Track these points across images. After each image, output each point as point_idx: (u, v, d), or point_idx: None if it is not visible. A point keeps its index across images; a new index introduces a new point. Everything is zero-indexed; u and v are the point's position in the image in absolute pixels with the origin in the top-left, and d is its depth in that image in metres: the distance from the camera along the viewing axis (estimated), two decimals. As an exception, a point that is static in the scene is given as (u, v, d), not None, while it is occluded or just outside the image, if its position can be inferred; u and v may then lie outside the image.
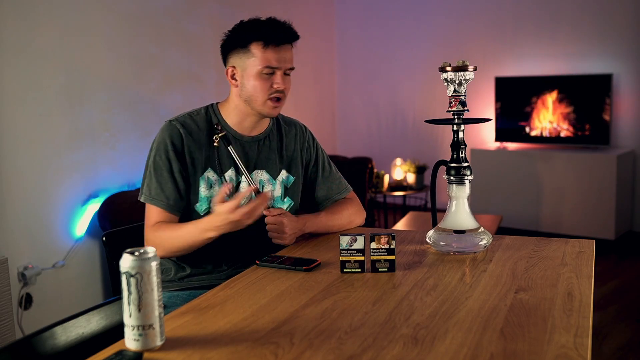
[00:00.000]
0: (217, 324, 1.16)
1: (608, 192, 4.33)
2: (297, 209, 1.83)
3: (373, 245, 1.43)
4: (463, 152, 1.58)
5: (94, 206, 3.14)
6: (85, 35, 3.13)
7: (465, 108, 1.56)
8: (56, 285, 3.00)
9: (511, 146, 4.95)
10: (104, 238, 1.81)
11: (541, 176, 4.60)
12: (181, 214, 1.71)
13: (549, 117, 4.79)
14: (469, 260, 1.51)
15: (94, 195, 3.17)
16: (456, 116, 1.57)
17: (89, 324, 1.33)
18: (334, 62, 5.87)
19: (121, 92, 3.36)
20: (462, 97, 1.55)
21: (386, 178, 4.71)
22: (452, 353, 1.00)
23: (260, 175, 1.77)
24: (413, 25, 5.50)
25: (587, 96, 4.63)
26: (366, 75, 5.79)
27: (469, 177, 1.58)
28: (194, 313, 1.22)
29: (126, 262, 1.03)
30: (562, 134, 4.76)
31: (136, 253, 1.03)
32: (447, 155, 1.61)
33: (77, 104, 3.10)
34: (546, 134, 4.82)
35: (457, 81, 1.55)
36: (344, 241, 1.43)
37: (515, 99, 4.92)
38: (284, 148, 1.83)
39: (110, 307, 1.38)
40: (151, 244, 1.65)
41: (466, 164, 1.58)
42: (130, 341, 1.04)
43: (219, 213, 1.52)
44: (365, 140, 5.83)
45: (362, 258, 1.44)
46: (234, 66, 1.72)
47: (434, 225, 1.67)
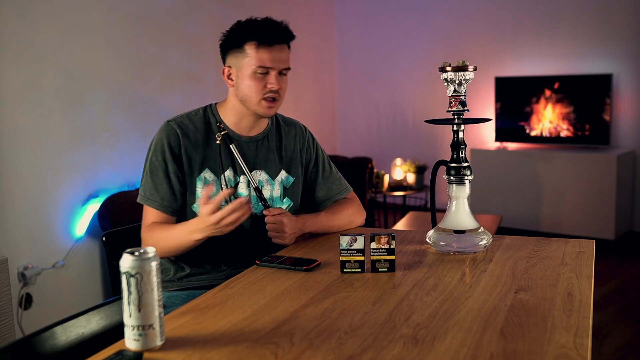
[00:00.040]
0: (217, 324, 1.16)
1: (608, 192, 4.33)
2: (297, 210, 1.83)
3: (373, 245, 1.43)
4: (463, 152, 1.58)
5: (94, 206, 3.14)
6: (85, 35, 3.13)
7: (465, 108, 1.56)
8: (56, 285, 3.00)
9: (511, 146, 4.95)
10: (104, 238, 1.81)
11: (541, 176, 4.60)
12: (177, 215, 1.71)
13: (549, 117, 4.79)
14: (469, 260, 1.51)
15: (94, 195, 3.17)
16: (456, 116, 1.57)
17: (89, 324, 1.33)
18: (334, 62, 5.87)
19: (121, 92, 3.36)
20: (462, 97, 1.55)
21: (386, 178, 4.71)
22: (452, 353, 1.00)
23: (258, 175, 1.76)
24: (413, 25, 5.50)
25: (587, 96, 4.63)
26: (366, 75, 5.79)
27: (469, 177, 1.58)
28: (194, 313, 1.22)
29: (126, 262, 1.03)
30: (562, 134, 4.76)
31: (136, 253, 1.03)
32: (447, 155, 1.61)
33: (77, 104, 3.10)
34: (546, 134, 4.82)
35: (457, 81, 1.55)
36: (344, 241, 1.43)
37: (515, 99, 4.92)
38: (283, 148, 1.82)
39: (110, 307, 1.38)
40: (145, 244, 1.65)
41: (466, 164, 1.58)
42: (130, 341, 1.04)
43: (201, 215, 1.51)
44: (365, 140, 5.83)
45: (362, 258, 1.44)
46: (230, 66, 1.72)
47: (434, 225, 1.67)
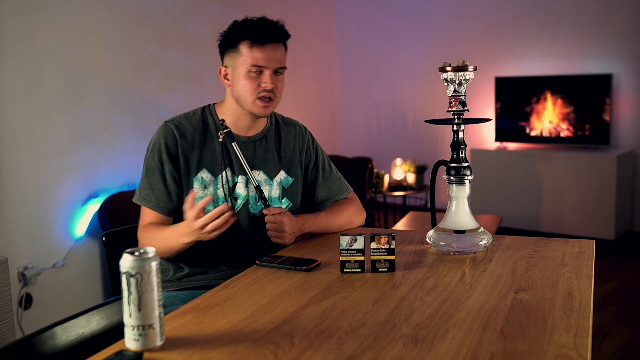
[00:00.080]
0: (217, 324, 1.16)
1: (608, 192, 4.33)
2: (296, 210, 1.82)
3: (373, 245, 1.43)
4: (463, 152, 1.58)
5: (94, 206, 3.14)
6: (85, 35, 3.13)
7: (465, 108, 1.56)
8: (56, 285, 3.00)
9: (511, 146, 4.95)
10: (104, 238, 1.81)
11: (541, 176, 4.60)
12: (174, 216, 1.71)
13: (549, 117, 4.79)
14: (469, 260, 1.51)
15: (94, 195, 3.17)
16: (456, 116, 1.57)
17: (89, 324, 1.33)
18: (334, 62, 5.87)
19: (121, 92, 3.36)
20: (462, 97, 1.55)
21: (386, 178, 4.71)
22: (452, 353, 1.00)
23: (257, 175, 1.76)
24: (413, 25, 5.50)
25: (587, 96, 4.63)
26: (366, 75, 5.79)
27: (469, 177, 1.58)
28: (194, 313, 1.22)
29: (126, 262, 1.03)
30: (562, 134, 4.76)
31: (136, 253, 1.03)
32: (447, 155, 1.61)
33: (77, 104, 3.10)
34: (546, 134, 4.82)
35: (457, 81, 1.55)
36: (344, 241, 1.43)
37: (515, 99, 4.92)
38: (282, 149, 1.82)
39: (110, 307, 1.38)
40: (140, 244, 1.67)
41: (466, 164, 1.58)
42: (130, 341, 1.04)
43: (187, 220, 1.51)
44: (365, 140, 5.83)
45: (362, 258, 1.43)
46: (227, 66, 1.73)
47: (434, 225, 1.67)
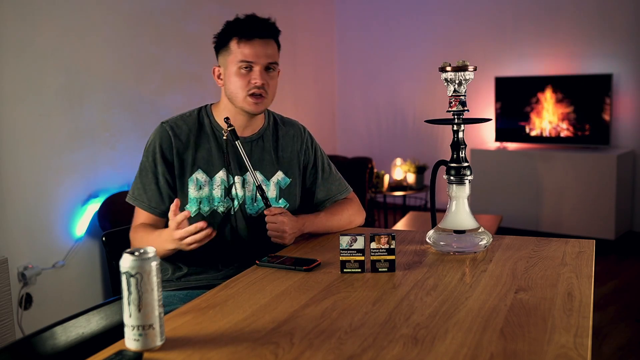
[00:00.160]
0: (217, 324, 1.16)
1: (608, 192, 4.33)
2: (295, 211, 1.81)
3: (373, 245, 1.43)
4: (463, 152, 1.58)
5: (94, 206, 3.14)
6: (85, 35, 3.13)
7: (465, 108, 1.56)
8: (56, 285, 3.00)
9: (511, 146, 4.95)
10: (104, 238, 1.81)
11: (541, 176, 4.60)
12: (166, 217, 1.70)
13: (549, 117, 4.79)
14: (469, 260, 1.51)
15: (94, 195, 3.17)
16: (456, 116, 1.57)
17: (89, 324, 1.33)
18: (334, 62, 5.87)
19: (121, 92, 3.36)
20: (462, 97, 1.55)
21: (386, 178, 4.71)
22: (452, 353, 1.00)
23: (251, 176, 1.75)
24: (413, 25, 5.50)
25: (587, 96, 4.63)
26: (366, 75, 5.79)
27: (469, 177, 1.58)
28: (194, 313, 1.22)
29: (126, 262, 1.03)
30: (562, 134, 4.76)
31: (136, 253, 1.03)
32: (447, 155, 1.61)
33: (77, 104, 3.10)
34: (546, 134, 4.82)
35: (457, 81, 1.55)
36: (344, 241, 1.43)
37: (515, 99, 4.92)
38: (280, 149, 1.81)
39: (110, 307, 1.38)
40: (131, 244, 1.68)
41: (466, 164, 1.58)
42: (130, 341, 1.04)
43: (169, 228, 1.49)
44: (365, 140, 5.83)
45: (362, 258, 1.43)
46: (220, 65, 1.73)
47: (434, 225, 1.67)
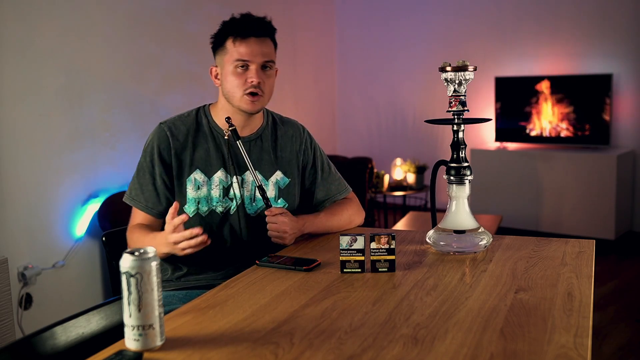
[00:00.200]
0: (217, 324, 1.16)
1: (608, 192, 4.33)
2: (294, 211, 1.81)
3: (373, 245, 1.43)
4: (463, 152, 1.58)
5: (94, 206, 3.14)
6: (85, 35, 3.13)
7: (465, 108, 1.56)
8: (56, 285, 3.00)
9: (511, 146, 4.95)
10: (104, 238, 1.81)
11: (541, 176, 4.60)
12: (163, 219, 1.70)
13: (549, 117, 4.79)
14: (469, 260, 1.51)
15: (94, 195, 3.17)
16: (456, 116, 1.57)
17: (89, 324, 1.33)
18: (334, 62, 5.87)
19: (121, 92, 3.36)
20: (462, 97, 1.55)
21: (386, 178, 4.70)
22: (452, 353, 1.00)
23: (252, 176, 1.75)
24: (413, 25, 5.50)
25: (587, 96, 4.63)
26: (366, 75, 5.79)
27: (469, 177, 1.58)
28: (194, 313, 1.22)
29: (126, 262, 1.03)
30: (562, 134, 4.76)
31: (136, 253, 1.03)
32: (447, 155, 1.61)
33: (77, 104, 3.10)
34: (546, 134, 4.82)
35: (457, 81, 1.55)
36: (344, 241, 1.43)
37: (515, 99, 4.92)
38: (279, 149, 1.81)
39: (110, 307, 1.38)
40: (128, 244, 1.68)
41: (466, 164, 1.58)
42: (130, 341, 1.04)
43: (165, 231, 1.49)
44: (365, 140, 5.83)
45: (362, 258, 1.43)
46: (217, 65, 1.74)
47: (434, 225, 1.67)
